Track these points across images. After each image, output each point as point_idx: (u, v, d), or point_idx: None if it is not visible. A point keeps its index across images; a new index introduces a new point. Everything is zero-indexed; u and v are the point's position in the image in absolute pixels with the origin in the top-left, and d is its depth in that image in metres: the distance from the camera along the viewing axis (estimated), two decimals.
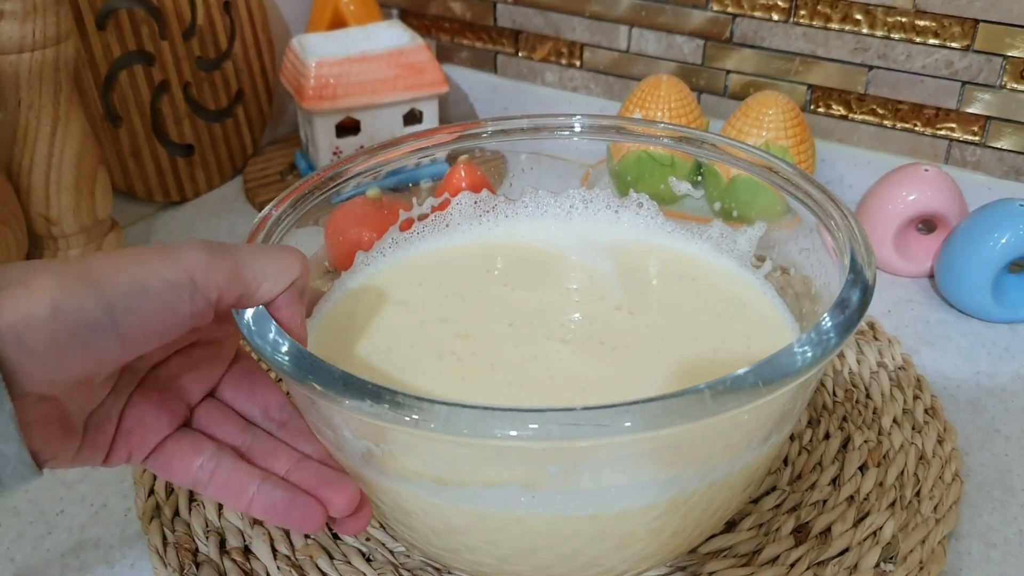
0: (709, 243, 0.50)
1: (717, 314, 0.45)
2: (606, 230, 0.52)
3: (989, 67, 0.65)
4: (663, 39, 0.76)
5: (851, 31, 0.69)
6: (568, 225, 0.53)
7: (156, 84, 0.73)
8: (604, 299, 0.46)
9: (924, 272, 0.67)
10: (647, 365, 0.42)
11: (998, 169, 0.68)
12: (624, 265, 0.49)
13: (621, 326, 0.44)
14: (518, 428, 0.30)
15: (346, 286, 0.48)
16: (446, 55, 0.87)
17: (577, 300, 0.47)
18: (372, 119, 0.73)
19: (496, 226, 0.53)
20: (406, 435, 0.33)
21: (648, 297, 0.47)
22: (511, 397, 0.40)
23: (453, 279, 0.48)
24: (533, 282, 0.48)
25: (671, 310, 0.46)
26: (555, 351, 0.43)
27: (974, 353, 0.60)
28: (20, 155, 0.58)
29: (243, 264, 0.33)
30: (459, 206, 0.53)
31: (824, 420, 0.52)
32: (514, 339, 0.44)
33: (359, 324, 0.45)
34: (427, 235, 0.52)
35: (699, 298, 0.47)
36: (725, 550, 0.45)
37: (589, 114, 0.52)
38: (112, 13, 0.69)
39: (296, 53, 0.73)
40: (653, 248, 0.50)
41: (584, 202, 0.53)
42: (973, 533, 0.47)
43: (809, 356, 0.32)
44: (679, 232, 0.51)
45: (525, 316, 0.45)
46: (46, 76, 0.57)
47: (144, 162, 0.74)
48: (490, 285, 0.48)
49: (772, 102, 0.67)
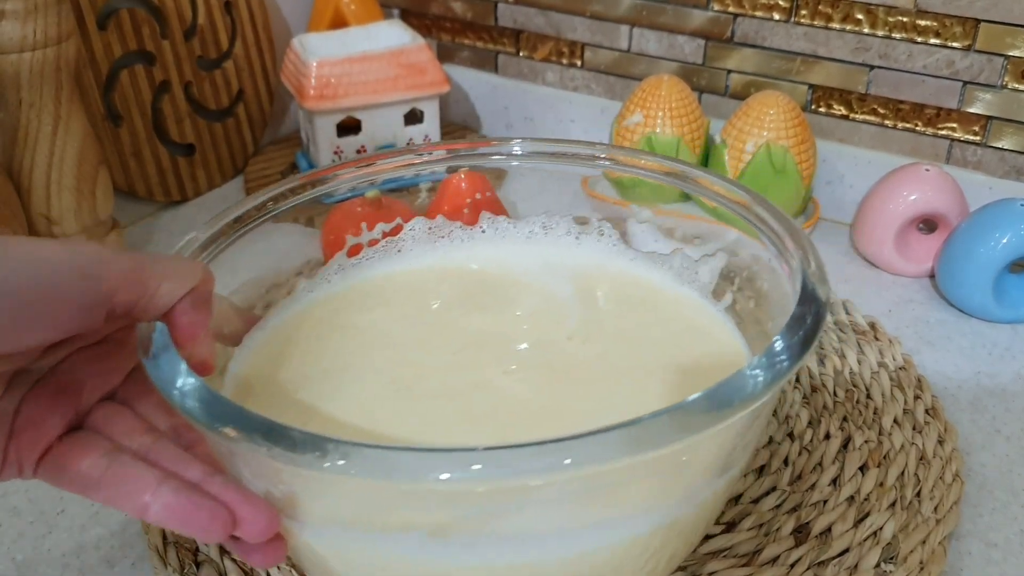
0: (671, 272, 0.48)
1: (675, 345, 0.43)
2: (566, 256, 0.50)
3: (990, 67, 0.65)
4: (664, 39, 0.76)
5: (852, 31, 0.69)
6: (527, 250, 0.50)
7: (157, 84, 0.73)
8: (558, 327, 0.45)
9: (925, 272, 0.67)
10: (596, 397, 0.40)
11: (999, 169, 0.68)
12: (582, 292, 0.47)
13: (572, 355, 0.43)
14: (436, 470, 0.27)
15: (284, 313, 0.45)
16: (447, 55, 0.87)
17: (529, 328, 0.45)
18: (373, 119, 0.73)
19: (451, 252, 0.50)
20: (297, 475, 0.31)
21: (604, 326, 0.45)
22: (449, 429, 0.38)
23: (400, 305, 0.46)
24: (485, 308, 0.46)
25: (626, 339, 0.44)
26: (501, 381, 0.41)
27: (975, 353, 0.60)
28: (21, 155, 0.58)
29: (144, 263, 0.32)
30: (412, 231, 0.51)
31: (824, 420, 0.52)
32: (460, 368, 0.42)
33: (295, 352, 0.43)
34: (376, 261, 0.49)
35: (657, 328, 0.45)
36: (725, 550, 0.45)
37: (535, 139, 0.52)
38: (113, 13, 0.69)
39: (297, 53, 0.73)
40: (614, 275, 0.49)
41: (544, 228, 0.52)
42: (974, 533, 0.47)
43: (761, 380, 0.31)
44: (640, 260, 0.49)
45: (474, 344, 0.43)
46: (47, 76, 0.57)
47: (145, 162, 0.74)
48: (439, 311, 0.46)
49: (773, 102, 0.67)
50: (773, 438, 0.51)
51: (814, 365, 0.56)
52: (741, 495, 0.48)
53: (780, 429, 0.52)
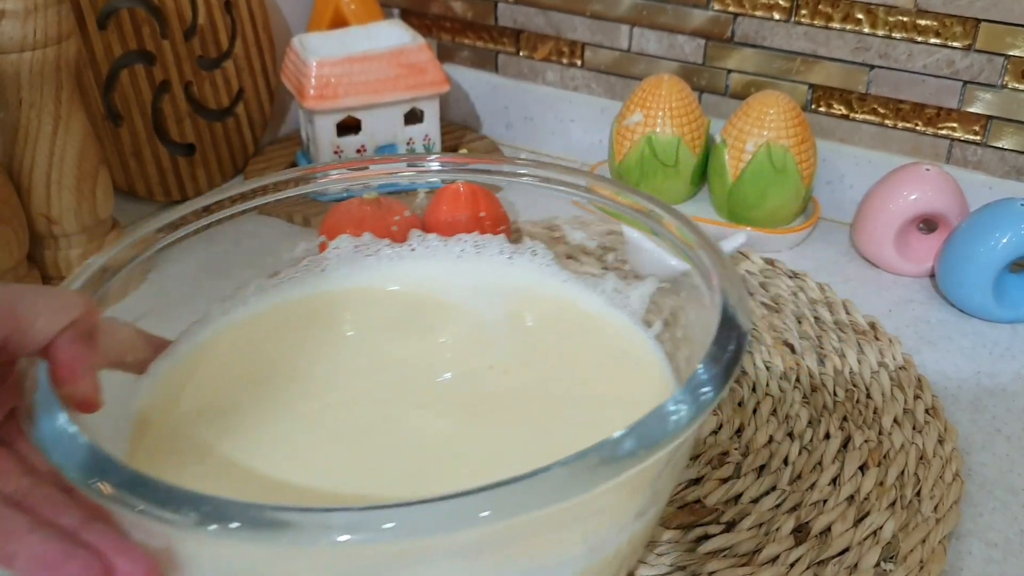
0: (603, 297, 0.46)
1: (600, 375, 0.41)
2: (497, 277, 0.48)
3: (990, 67, 0.65)
4: (664, 39, 0.76)
5: (852, 30, 0.69)
6: (457, 271, 0.48)
7: (157, 83, 0.73)
8: (480, 356, 0.43)
9: (925, 272, 0.67)
10: (509, 434, 0.38)
11: (999, 169, 0.68)
12: (510, 317, 0.45)
13: (492, 387, 0.41)
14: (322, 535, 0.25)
15: (195, 338, 0.43)
16: (447, 54, 0.87)
17: (451, 356, 0.43)
18: (373, 118, 0.73)
19: (378, 272, 0.48)
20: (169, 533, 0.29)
21: (529, 354, 0.43)
22: (352, 471, 0.36)
23: (315, 331, 0.44)
24: (407, 335, 0.44)
25: (551, 369, 0.42)
26: (414, 416, 0.39)
27: (975, 353, 0.60)
28: (21, 154, 0.58)
29: (17, 296, 0.30)
30: (337, 250, 0.48)
31: (824, 420, 0.52)
32: (372, 401, 0.40)
33: (201, 382, 0.40)
34: (298, 281, 0.47)
35: (584, 356, 0.43)
36: (725, 549, 0.45)
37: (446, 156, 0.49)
38: (113, 12, 0.69)
39: (297, 52, 0.73)
40: (545, 299, 0.47)
41: (476, 247, 0.49)
42: (974, 533, 0.47)
43: (684, 415, 0.29)
44: (573, 283, 0.48)
45: (390, 374, 0.41)
46: (47, 75, 0.57)
47: (145, 161, 0.74)
48: (357, 339, 0.44)
49: (773, 102, 0.67)
50: (773, 437, 0.51)
51: (814, 365, 0.56)
52: (741, 495, 0.48)
53: (780, 428, 0.52)
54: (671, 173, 0.71)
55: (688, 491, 0.48)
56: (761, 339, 0.59)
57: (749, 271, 0.66)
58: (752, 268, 0.66)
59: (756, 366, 0.56)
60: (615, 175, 0.74)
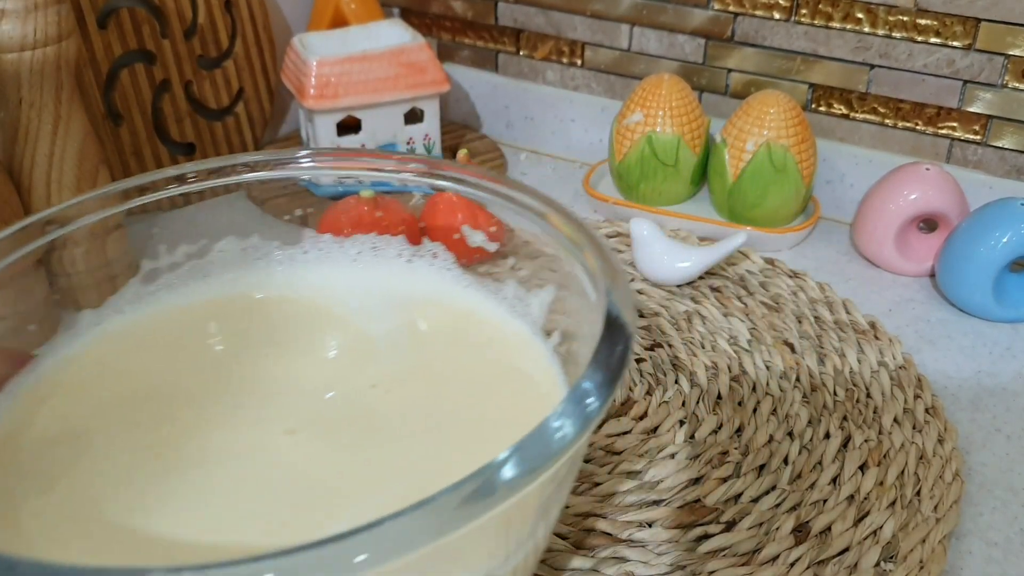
0: (504, 304, 0.43)
1: (492, 391, 0.38)
2: (394, 282, 0.45)
3: (991, 66, 0.65)
4: (664, 38, 0.76)
5: (852, 30, 0.69)
6: (351, 276, 0.45)
7: (157, 83, 0.73)
8: (363, 372, 0.39)
9: (925, 271, 0.67)
10: (384, 461, 0.35)
11: (1000, 168, 0.68)
12: (402, 327, 0.42)
13: (373, 407, 0.37)
14: None
15: (63, 351, 0.39)
16: (447, 54, 0.87)
17: (331, 373, 0.39)
18: (373, 118, 0.73)
19: (267, 276, 0.45)
20: None
21: (416, 371, 0.40)
22: (204, 505, 0.32)
23: (186, 345, 0.40)
24: (285, 349, 0.41)
25: (439, 386, 0.39)
26: (280, 444, 0.35)
27: (975, 352, 0.60)
28: (21, 154, 0.58)
29: None
30: (222, 253, 0.44)
31: (824, 419, 0.52)
32: (235, 426, 0.36)
33: (57, 404, 0.37)
34: (176, 288, 0.43)
35: (477, 370, 0.40)
36: (724, 549, 0.45)
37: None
38: (113, 12, 0.69)
39: (297, 52, 0.73)
40: (441, 306, 0.44)
41: (374, 249, 0.46)
42: (974, 532, 0.47)
43: (570, 431, 0.27)
44: (475, 288, 0.44)
45: (260, 395, 0.38)
46: (47, 75, 0.57)
47: (145, 161, 0.74)
48: (228, 353, 0.40)
49: (773, 101, 0.67)
50: (773, 437, 0.51)
51: (814, 364, 0.56)
52: (741, 494, 0.48)
53: (780, 428, 0.52)
54: (671, 172, 0.71)
55: (688, 490, 0.48)
56: (761, 338, 0.59)
57: (749, 270, 0.66)
58: (752, 268, 0.66)
59: (756, 365, 0.56)
60: (615, 175, 0.74)
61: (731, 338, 0.59)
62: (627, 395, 0.54)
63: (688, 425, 0.52)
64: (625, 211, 0.73)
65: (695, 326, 0.60)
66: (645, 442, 0.51)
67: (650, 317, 0.61)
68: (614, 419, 0.53)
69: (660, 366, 0.57)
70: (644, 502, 0.47)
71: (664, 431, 0.52)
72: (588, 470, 0.49)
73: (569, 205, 0.76)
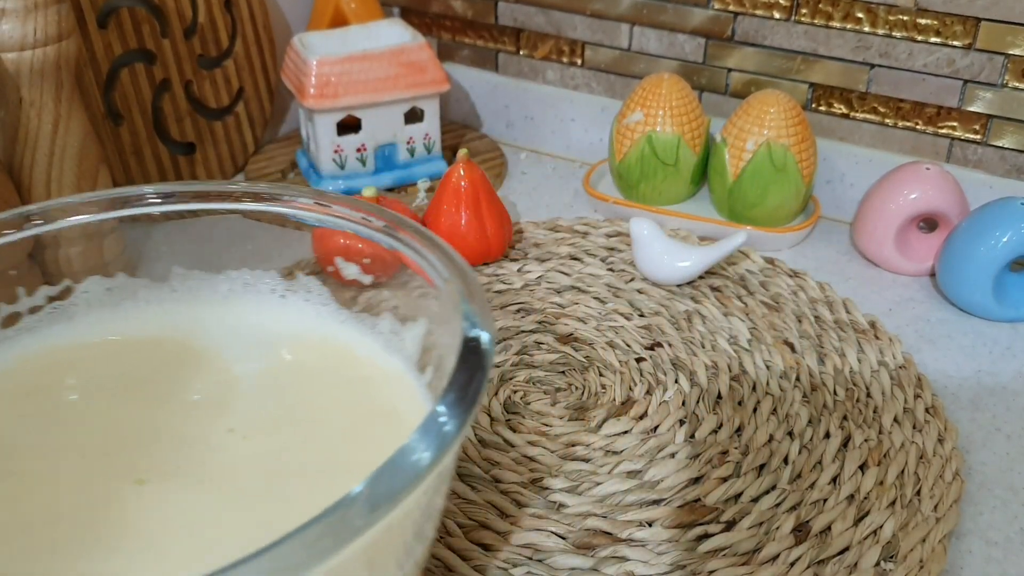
0: (380, 340, 0.41)
1: (360, 434, 0.37)
2: (265, 320, 0.43)
3: (991, 66, 0.65)
4: (664, 37, 0.76)
5: (852, 29, 0.69)
6: (220, 314, 0.43)
7: (157, 82, 0.73)
8: (222, 416, 0.38)
9: (925, 271, 0.67)
10: (232, 516, 0.33)
11: (1000, 168, 0.68)
12: (273, 367, 0.41)
13: (227, 455, 0.36)
14: None
15: None
16: (447, 53, 0.87)
17: (189, 419, 0.38)
18: (373, 117, 0.73)
19: (134, 317, 0.43)
20: None
21: (280, 413, 0.38)
22: (50, 562, 0.31)
23: (40, 392, 0.38)
24: (145, 394, 0.39)
25: (303, 430, 0.37)
26: (132, 493, 0.34)
27: (975, 352, 0.60)
28: (21, 153, 0.58)
29: None
30: (86, 294, 0.42)
31: (824, 419, 0.52)
32: (81, 480, 0.35)
33: None
34: (37, 332, 0.41)
35: (347, 412, 0.38)
36: (724, 548, 0.45)
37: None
38: (113, 11, 0.69)
39: (297, 51, 0.73)
40: (316, 344, 0.42)
41: (245, 285, 0.44)
42: (974, 532, 0.47)
43: (427, 457, 0.27)
44: (351, 324, 0.42)
45: (112, 443, 0.36)
46: (47, 74, 0.57)
47: (145, 160, 0.74)
48: (85, 401, 0.39)
49: (773, 101, 0.67)
50: (773, 436, 0.51)
51: (814, 364, 0.56)
52: (741, 494, 0.48)
53: (780, 427, 0.52)
54: (671, 172, 0.71)
55: (688, 490, 0.48)
56: (761, 338, 0.59)
57: (749, 270, 0.66)
58: (752, 267, 0.66)
59: (756, 365, 0.56)
60: (615, 174, 0.74)
61: (731, 338, 0.59)
62: (627, 395, 0.54)
63: (688, 425, 0.52)
64: (625, 211, 0.73)
65: (695, 326, 0.60)
66: (645, 441, 0.51)
67: (650, 317, 0.61)
68: (614, 419, 0.53)
69: (660, 366, 0.57)
70: (644, 501, 0.47)
71: (664, 430, 0.52)
72: (588, 470, 0.49)
73: (569, 204, 0.77)
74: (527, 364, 0.57)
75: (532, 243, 0.69)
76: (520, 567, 0.44)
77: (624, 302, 0.63)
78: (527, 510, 0.47)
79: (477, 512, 0.47)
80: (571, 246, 0.69)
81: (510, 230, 0.67)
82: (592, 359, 0.57)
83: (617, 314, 0.61)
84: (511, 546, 0.45)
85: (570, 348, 0.58)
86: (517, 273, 0.66)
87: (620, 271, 0.66)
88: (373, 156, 0.75)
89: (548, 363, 0.57)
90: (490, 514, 0.47)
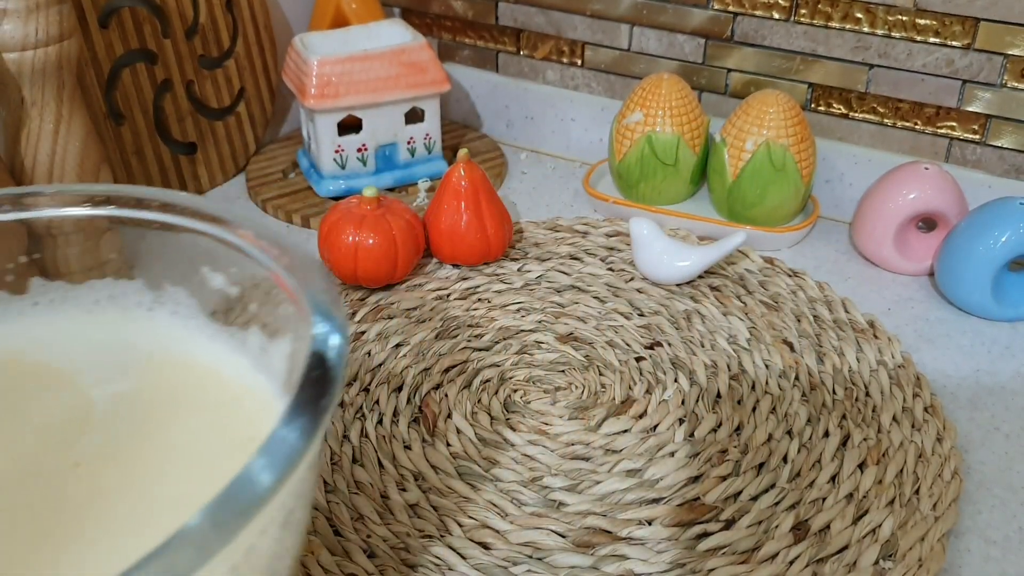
0: (248, 356, 0.38)
1: (221, 463, 0.34)
2: (130, 335, 0.40)
3: (990, 66, 0.65)
4: (664, 38, 0.76)
5: (852, 30, 0.69)
6: (82, 330, 0.40)
7: (159, 82, 0.73)
8: (71, 447, 0.35)
9: (924, 270, 0.67)
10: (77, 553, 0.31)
11: (998, 167, 0.68)
12: (132, 390, 0.38)
13: (71, 492, 0.33)
14: None
15: None
16: (448, 54, 0.87)
17: (31, 450, 0.35)
18: (374, 118, 0.74)
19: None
20: None
21: (134, 442, 0.35)
22: None
23: None
24: None
25: (159, 461, 0.35)
26: None
27: (974, 351, 0.60)
28: (23, 153, 0.59)
29: None
30: None
31: (823, 418, 0.52)
32: None
33: None
34: None
35: (208, 439, 0.36)
36: (724, 547, 0.45)
37: None
38: (115, 11, 0.69)
39: (298, 51, 0.73)
40: (180, 363, 0.39)
41: (111, 298, 0.41)
42: (973, 530, 0.47)
43: (268, 480, 0.25)
44: (220, 341, 0.39)
45: None
46: (49, 74, 0.57)
47: (147, 160, 0.74)
48: None
49: (773, 101, 0.67)
50: (772, 435, 0.51)
51: (813, 363, 0.57)
52: (740, 492, 0.48)
53: (779, 426, 0.52)
54: (671, 172, 0.72)
55: (687, 489, 0.48)
56: (760, 337, 0.59)
57: (748, 269, 0.66)
58: (751, 266, 0.66)
59: (755, 364, 0.57)
60: (615, 174, 0.74)
61: (730, 337, 0.59)
62: (627, 394, 0.55)
63: (687, 423, 0.52)
64: (625, 210, 0.73)
65: (694, 325, 0.60)
66: (644, 440, 0.51)
67: (650, 316, 0.61)
68: (613, 417, 0.53)
69: (660, 365, 0.57)
70: (644, 500, 0.48)
71: (663, 429, 0.52)
72: (588, 468, 0.49)
73: (569, 204, 0.77)
74: (527, 363, 0.57)
75: (532, 243, 0.69)
76: (520, 565, 0.44)
77: (624, 301, 0.63)
78: (527, 508, 0.47)
79: (477, 511, 0.47)
80: (571, 246, 0.69)
81: (510, 230, 0.67)
82: (592, 358, 0.58)
83: (617, 313, 0.61)
84: (511, 544, 0.45)
85: (570, 347, 0.59)
86: (517, 273, 0.66)
87: (620, 271, 0.66)
88: (374, 156, 0.75)
89: (548, 362, 0.57)
90: (490, 513, 0.47)
